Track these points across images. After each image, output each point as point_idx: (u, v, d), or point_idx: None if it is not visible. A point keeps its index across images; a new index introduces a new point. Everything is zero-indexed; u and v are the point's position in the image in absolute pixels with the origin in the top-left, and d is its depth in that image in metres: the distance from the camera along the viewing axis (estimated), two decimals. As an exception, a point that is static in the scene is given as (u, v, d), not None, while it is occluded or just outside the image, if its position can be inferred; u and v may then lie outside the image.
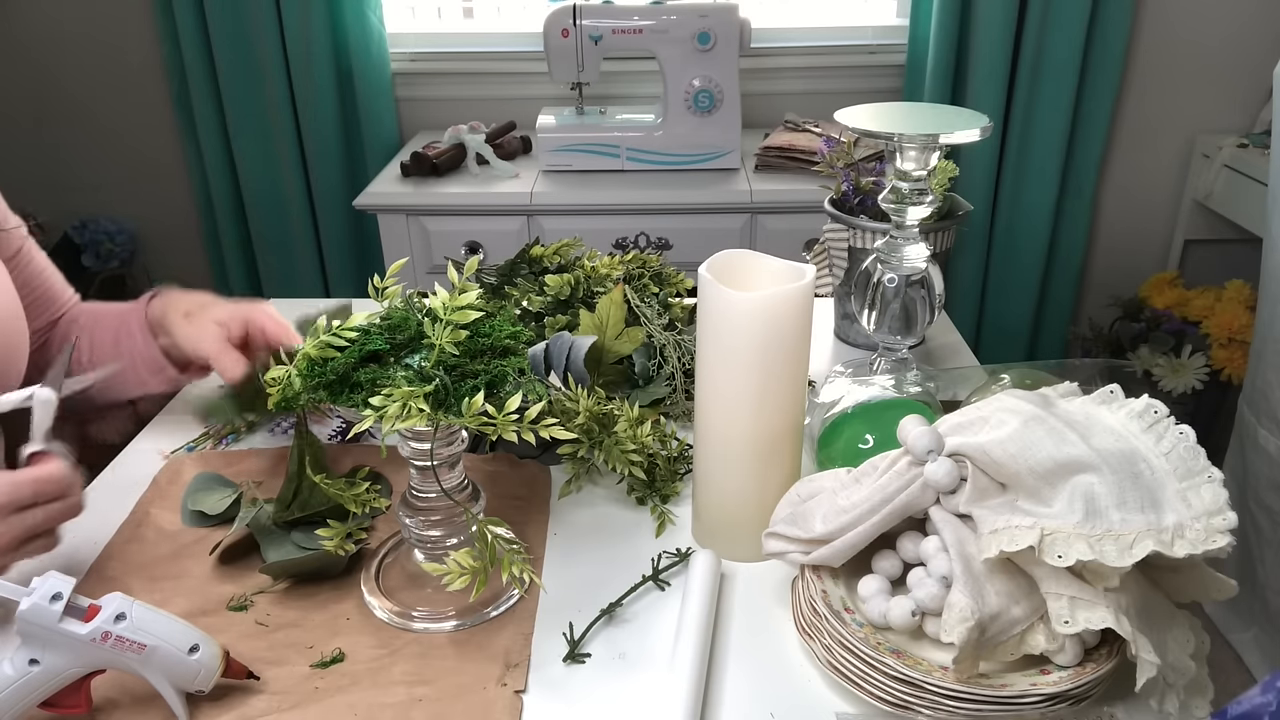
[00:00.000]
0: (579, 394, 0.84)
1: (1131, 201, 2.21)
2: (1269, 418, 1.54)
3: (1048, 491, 0.61)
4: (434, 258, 1.83)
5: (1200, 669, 0.63)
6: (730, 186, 1.80)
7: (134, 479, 0.88)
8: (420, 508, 0.72)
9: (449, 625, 0.71)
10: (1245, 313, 1.94)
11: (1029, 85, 1.99)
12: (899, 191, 0.88)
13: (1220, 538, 0.58)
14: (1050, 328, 2.26)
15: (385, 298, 0.70)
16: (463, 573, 0.66)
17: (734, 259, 0.75)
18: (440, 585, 0.68)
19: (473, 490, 0.73)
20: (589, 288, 1.02)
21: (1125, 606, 0.58)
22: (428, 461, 0.68)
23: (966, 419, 0.68)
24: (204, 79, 2.05)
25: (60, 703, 0.61)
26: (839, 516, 0.67)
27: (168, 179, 2.28)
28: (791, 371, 0.73)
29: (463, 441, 0.71)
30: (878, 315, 0.95)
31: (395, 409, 0.60)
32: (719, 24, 1.78)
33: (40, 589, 0.58)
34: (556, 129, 1.86)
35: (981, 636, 0.59)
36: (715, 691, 0.66)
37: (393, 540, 0.79)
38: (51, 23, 2.15)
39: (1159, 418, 0.65)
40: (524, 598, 0.74)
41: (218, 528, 0.81)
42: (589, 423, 0.83)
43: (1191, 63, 2.08)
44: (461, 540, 0.73)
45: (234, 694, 0.65)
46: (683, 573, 0.76)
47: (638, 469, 0.83)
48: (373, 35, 2.03)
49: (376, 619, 0.72)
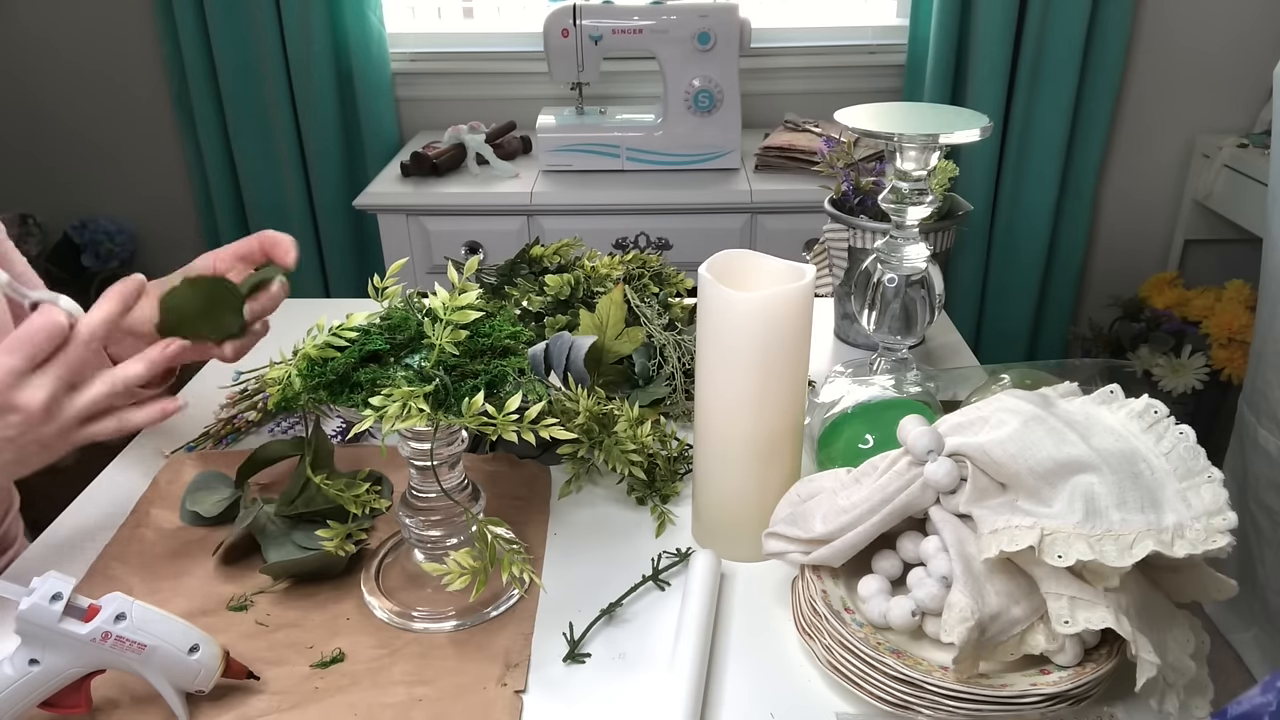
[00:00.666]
0: (579, 394, 0.84)
1: (1131, 202, 2.21)
2: (1269, 418, 1.54)
3: (1048, 491, 0.61)
4: (434, 258, 1.83)
5: (1200, 669, 0.63)
6: (730, 186, 1.80)
7: (134, 479, 0.88)
8: (420, 508, 0.72)
9: (449, 625, 0.71)
10: (1245, 313, 1.94)
11: (1029, 85, 1.99)
12: (899, 191, 0.88)
13: (1220, 538, 0.58)
14: (1050, 328, 2.26)
15: (385, 298, 0.70)
16: (463, 573, 0.66)
17: (734, 259, 0.75)
18: (440, 585, 0.68)
19: (473, 490, 0.73)
20: (589, 288, 1.02)
21: (1125, 606, 0.58)
22: (428, 461, 0.68)
23: (966, 419, 0.68)
24: (204, 79, 2.06)
25: (60, 703, 0.61)
26: (839, 516, 0.67)
27: (168, 179, 2.28)
28: (791, 371, 0.73)
29: (463, 441, 0.71)
30: (878, 315, 0.95)
31: (395, 409, 0.60)
32: (719, 24, 1.78)
33: (40, 589, 0.58)
34: (556, 129, 1.86)
35: (981, 636, 0.59)
36: (715, 691, 0.66)
37: (393, 540, 0.79)
38: (51, 23, 2.15)
39: (1159, 418, 0.65)
40: (524, 598, 0.74)
41: (218, 528, 0.81)
42: (589, 423, 0.83)
43: (1191, 63, 2.08)
44: (461, 540, 0.73)
45: (234, 694, 0.65)
46: (683, 573, 0.76)
47: (638, 469, 0.83)
48: (373, 35, 2.03)
49: (376, 619, 0.72)
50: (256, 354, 1.11)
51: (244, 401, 1.00)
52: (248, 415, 0.97)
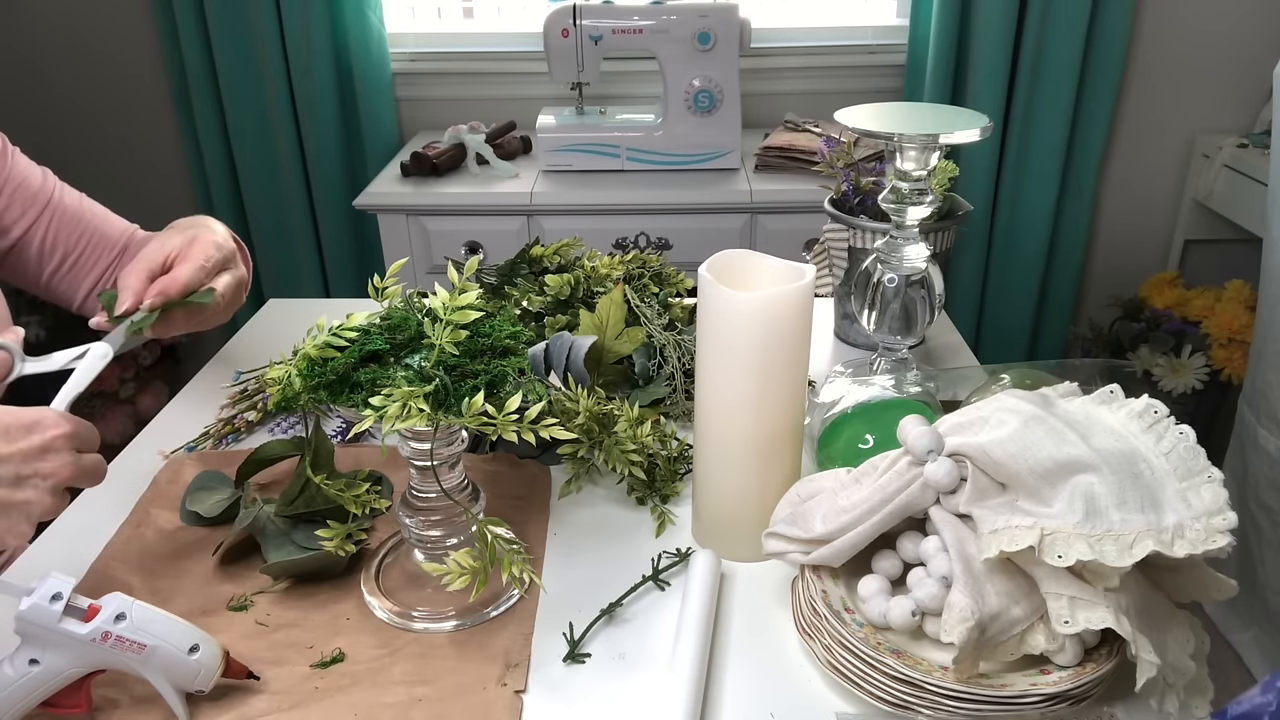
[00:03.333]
0: (579, 394, 0.84)
1: (1131, 201, 2.21)
2: (1269, 418, 1.54)
3: (1048, 491, 0.61)
4: (434, 258, 1.83)
5: (1200, 669, 0.63)
6: (730, 186, 1.80)
7: (134, 479, 0.88)
8: (420, 508, 0.72)
9: (449, 625, 0.71)
10: (1245, 313, 1.94)
11: (1029, 85, 1.99)
12: (899, 191, 0.88)
13: (1220, 538, 0.58)
14: (1050, 328, 2.26)
15: (385, 298, 0.70)
16: (462, 573, 0.66)
17: (734, 259, 0.75)
18: (440, 585, 0.68)
19: (473, 490, 0.73)
20: (589, 288, 1.02)
21: (1125, 606, 0.58)
22: (428, 461, 0.68)
23: (966, 419, 0.68)
24: (204, 79, 2.05)
25: (60, 703, 0.61)
26: (839, 516, 0.67)
27: (168, 179, 2.28)
28: (791, 371, 0.73)
29: (463, 441, 0.71)
30: (878, 315, 0.95)
31: (395, 409, 0.60)
32: (719, 24, 1.78)
33: (40, 589, 0.58)
34: (556, 129, 1.86)
35: (981, 636, 0.59)
36: (715, 691, 0.66)
37: (393, 540, 0.79)
38: (51, 22, 2.15)
39: (1159, 418, 0.65)
40: (524, 598, 0.74)
41: (218, 528, 0.81)
42: (589, 423, 0.83)
43: (1191, 63, 2.08)
44: (461, 540, 0.73)
45: (234, 694, 0.65)
46: (683, 573, 0.76)
47: (638, 469, 0.83)
48: (373, 35, 2.03)
49: (377, 619, 0.72)
50: (257, 354, 1.11)
51: (244, 401, 1.00)
52: (248, 415, 0.97)
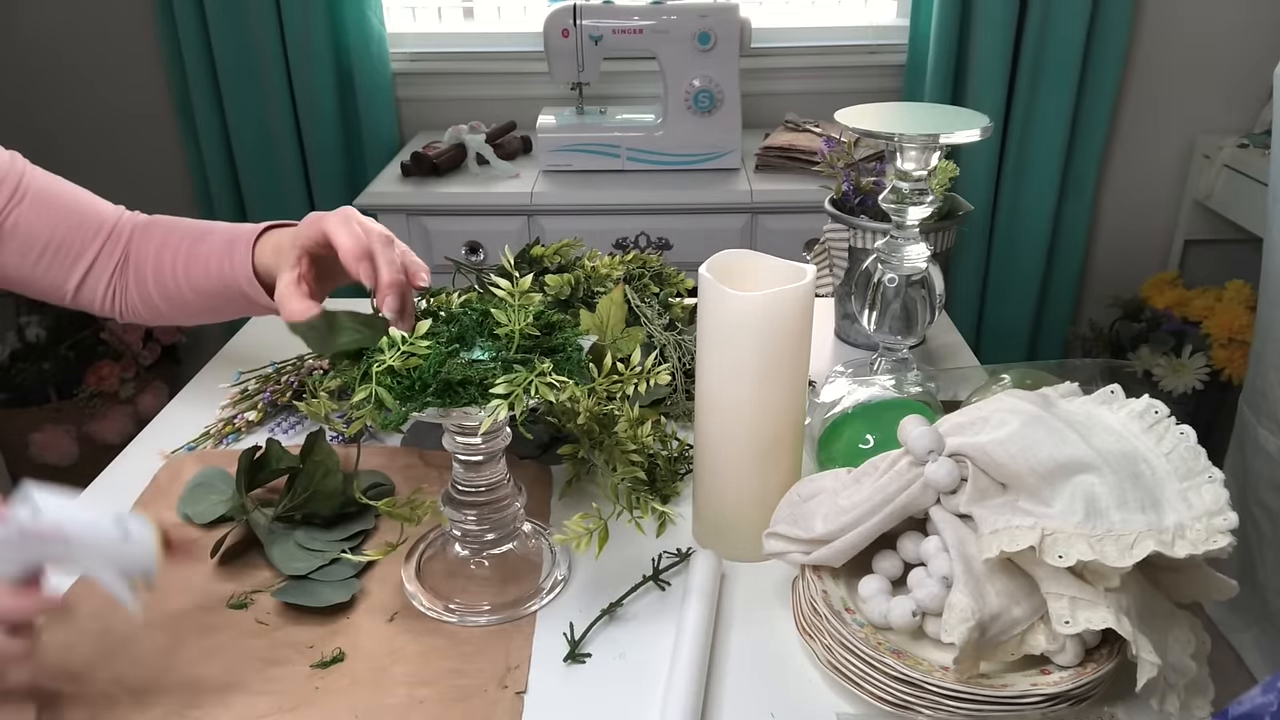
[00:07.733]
0: (580, 393, 0.83)
1: (1131, 202, 2.21)
2: (1269, 418, 1.54)
3: (1048, 491, 0.61)
4: (434, 258, 1.83)
5: (1201, 669, 0.63)
6: (730, 186, 1.80)
7: (134, 479, 0.88)
8: (465, 502, 0.73)
9: (483, 620, 0.72)
10: (1245, 313, 1.94)
11: (1029, 85, 1.99)
12: (899, 191, 0.88)
13: (1221, 538, 0.58)
14: (1050, 328, 2.26)
15: (433, 294, 0.73)
16: (581, 535, 0.69)
17: (734, 259, 0.75)
18: (473, 578, 0.72)
19: (514, 485, 0.75)
20: (589, 288, 1.02)
21: (1126, 606, 0.58)
22: (476, 456, 0.70)
23: (967, 419, 0.68)
24: (204, 79, 2.05)
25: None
26: (839, 516, 0.67)
27: (168, 179, 2.28)
28: (791, 371, 0.73)
29: (507, 437, 0.72)
30: (878, 315, 0.95)
31: (519, 393, 0.62)
32: (719, 24, 1.78)
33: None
34: (556, 129, 1.86)
35: (982, 636, 0.59)
36: (715, 691, 0.66)
37: (434, 533, 0.80)
38: (51, 22, 2.14)
39: (1159, 418, 0.65)
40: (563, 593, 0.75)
41: (218, 527, 0.81)
42: (589, 423, 0.83)
43: (1191, 63, 2.07)
44: (501, 535, 0.75)
45: (234, 694, 0.65)
46: (683, 573, 0.76)
47: (638, 469, 0.83)
48: (373, 35, 2.03)
49: (377, 619, 0.72)
50: (257, 354, 1.11)
51: (244, 401, 1.00)
52: (248, 415, 0.97)
